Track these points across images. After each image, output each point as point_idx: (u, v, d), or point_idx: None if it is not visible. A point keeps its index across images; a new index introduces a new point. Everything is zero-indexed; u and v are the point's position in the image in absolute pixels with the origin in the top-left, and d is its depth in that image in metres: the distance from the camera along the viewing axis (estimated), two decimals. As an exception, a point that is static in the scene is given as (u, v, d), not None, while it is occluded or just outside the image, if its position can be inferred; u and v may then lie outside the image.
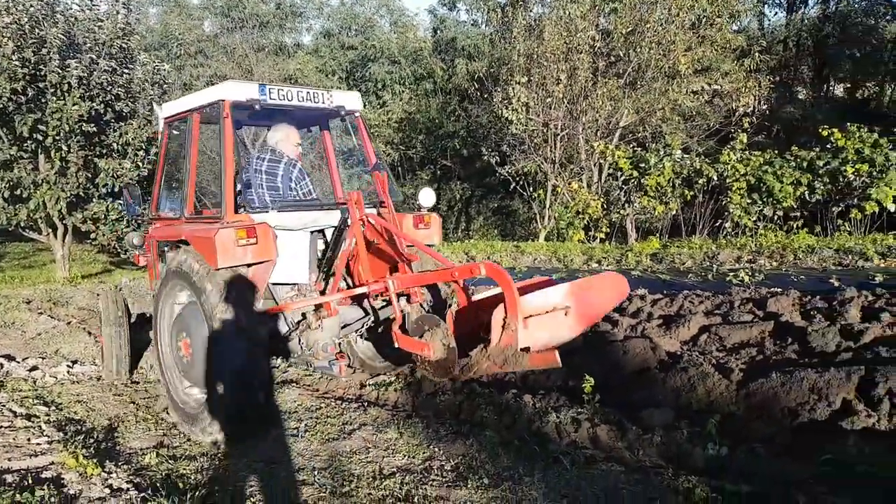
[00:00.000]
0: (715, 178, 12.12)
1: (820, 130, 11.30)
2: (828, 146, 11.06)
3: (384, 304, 5.56)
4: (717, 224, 12.61)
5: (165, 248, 5.67)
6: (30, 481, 3.70)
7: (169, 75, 14.59)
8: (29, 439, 4.53)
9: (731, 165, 11.76)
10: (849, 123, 10.99)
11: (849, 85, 21.17)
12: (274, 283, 5.26)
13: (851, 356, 4.81)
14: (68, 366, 6.76)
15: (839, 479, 3.43)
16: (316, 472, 4.13)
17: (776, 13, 24.05)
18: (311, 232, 5.35)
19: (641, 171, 13.05)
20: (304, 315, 5.23)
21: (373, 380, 5.80)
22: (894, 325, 5.13)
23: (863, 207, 10.45)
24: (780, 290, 6.48)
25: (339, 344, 5.44)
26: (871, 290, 5.96)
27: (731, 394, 4.52)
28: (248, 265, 4.60)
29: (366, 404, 5.33)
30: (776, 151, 11.87)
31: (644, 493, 3.27)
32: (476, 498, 3.52)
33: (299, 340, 5.20)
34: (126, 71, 12.65)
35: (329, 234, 5.42)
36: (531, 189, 16.87)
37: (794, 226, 11.35)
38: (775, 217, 11.56)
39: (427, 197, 5.41)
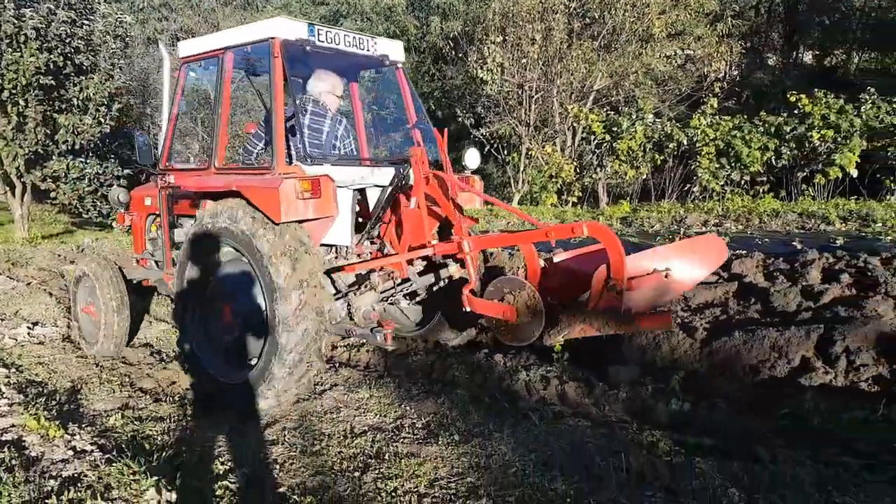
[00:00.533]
0: (685, 142, 12.19)
1: (788, 96, 11.40)
2: (795, 112, 11.18)
3: (421, 268, 5.36)
4: (686, 188, 12.73)
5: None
6: (-10, 443, 3.63)
7: (131, 28, 14.09)
8: (-11, 401, 4.45)
9: (701, 130, 11.83)
10: (816, 90, 11.10)
11: (817, 52, 21.35)
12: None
13: (811, 315, 4.92)
14: (28, 327, 6.62)
15: (797, 433, 3.54)
16: (286, 432, 4.12)
17: (749, -22, 24.02)
18: (353, 190, 4.98)
19: (614, 136, 13.07)
20: (357, 277, 4.91)
21: (344, 341, 5.78)
22: (853, 286, 5.26)
23: (827, 173, 10.63)
24: (744, 252, 6.58)
25: (377, 311, 5.09)
26: (832, 252, 6.08)
27: (694, 351, 4.61)
28: (301, 222, 4.25)
29: (337, 365, 5.33)
30: (745, 117, 11.96)
31: (609, 447, 3.34)
32: (446, 454, 3.55)
33: (349, 306, 4.86)
34: (86, 22, 12.17)
35: (372, 193, 5.09)
36: (505, 153, 16.80)
37: (761, 190, 11.50)
38: (742, 182, 11.70)
39: (472, 158, 5.07)
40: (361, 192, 5.11)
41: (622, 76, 15.67)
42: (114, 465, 3.36)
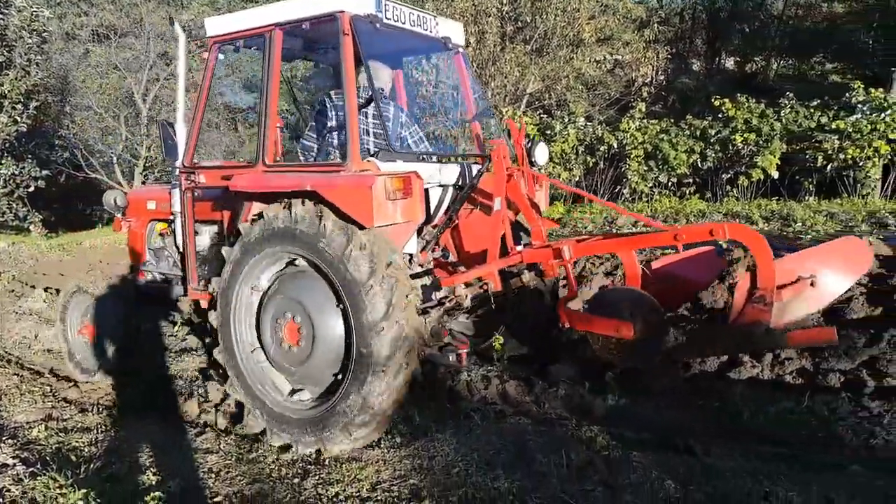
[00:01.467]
0: (615, 145, 12.50)
1: (712, 101, 11.86)
2: (719, 116, 11.63)
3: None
4: (617, 190, 13.07)
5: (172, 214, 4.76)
6: None
7: (49, 23, 13.45)
8: None
9: (630, 133, 12.16)
10: (738, 95, 11.58)
11: (739, 58, 22.29)
12: None
13: (738, 312, 5.11)
14: (-60, 337, 6.23)
15: (729, 425, 3.68)
16: (220, 440, 4.01)
17: (674, -15, 24.88)
18: None
19: (547, 138, 13.29)
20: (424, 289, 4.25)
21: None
22: (776, 283, 5.50)
23: (749, 174, 11.09)
24: (672, 251, 6.79)
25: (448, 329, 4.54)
26: (756, 250, 6.34)
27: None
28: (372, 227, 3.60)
29: (272, 369, 5.21)
30: (672, 120, 12.36)
31: (550, 444, 3.38)
32: (389, 457, 3.52)
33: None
34: (0, 17, 11.56)
35: (433, 193, 4.51)
36: (441, 154, 16.84)
37: (687, 192, 11.92)
38: (670, 183, 12.09)
39: (542, 153, 4.48)
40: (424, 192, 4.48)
41: (554, 80, 15.97)
42: (38, 478, 3.21)
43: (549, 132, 13.28)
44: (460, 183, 4.48)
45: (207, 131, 15.24)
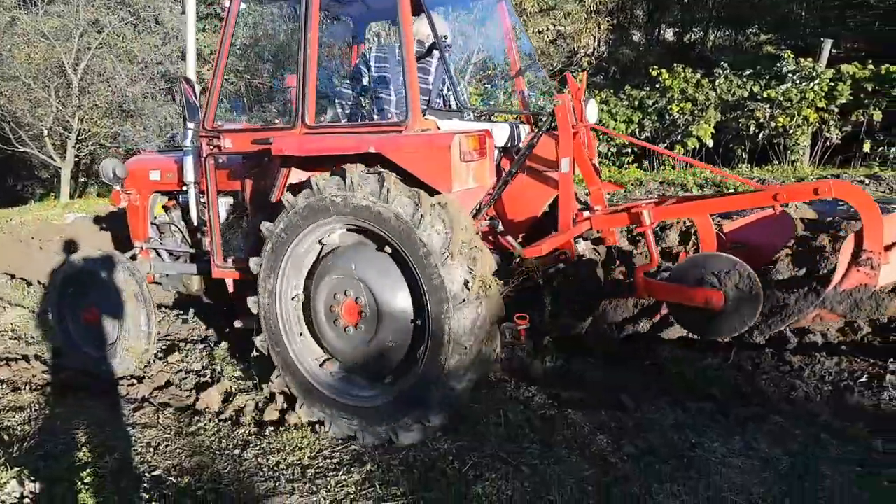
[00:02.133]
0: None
1: (650, 71, 12.06)
2: (657, 86, 11.85)
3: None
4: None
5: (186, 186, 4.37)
6: None
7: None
8: None
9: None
10: (676, 65, 11.80)
11: (678, 29, 22.65)
12: None
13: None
14: None
15: (659, 382, 3.84)
16: (159, 414, 3.97)
17: (614, -44, 24.99)
18: None
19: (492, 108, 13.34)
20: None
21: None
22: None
23: (685, 143, 11.38)
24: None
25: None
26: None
27: (567, 311, 4.83)
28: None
29: (212, 344, 5.17)
30: (612, 91, 12.54)
31: (489, 405, 3.46)
32: (329, 424, 3.56)
33: None
34: None
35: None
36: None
37: (626, 161, 12.15)
38: (609, 153, 12.31)
39: (593, 111, 4.16)
40: None
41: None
42: (-34, 459, 3.12)
43: (492, 102, 13.31)
44: (509, 144, 4.18)
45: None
